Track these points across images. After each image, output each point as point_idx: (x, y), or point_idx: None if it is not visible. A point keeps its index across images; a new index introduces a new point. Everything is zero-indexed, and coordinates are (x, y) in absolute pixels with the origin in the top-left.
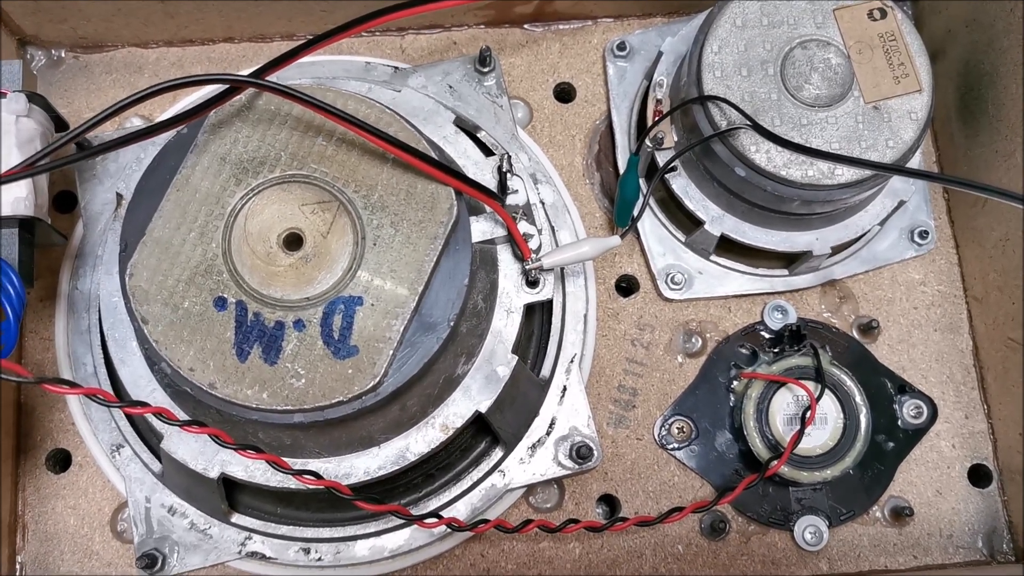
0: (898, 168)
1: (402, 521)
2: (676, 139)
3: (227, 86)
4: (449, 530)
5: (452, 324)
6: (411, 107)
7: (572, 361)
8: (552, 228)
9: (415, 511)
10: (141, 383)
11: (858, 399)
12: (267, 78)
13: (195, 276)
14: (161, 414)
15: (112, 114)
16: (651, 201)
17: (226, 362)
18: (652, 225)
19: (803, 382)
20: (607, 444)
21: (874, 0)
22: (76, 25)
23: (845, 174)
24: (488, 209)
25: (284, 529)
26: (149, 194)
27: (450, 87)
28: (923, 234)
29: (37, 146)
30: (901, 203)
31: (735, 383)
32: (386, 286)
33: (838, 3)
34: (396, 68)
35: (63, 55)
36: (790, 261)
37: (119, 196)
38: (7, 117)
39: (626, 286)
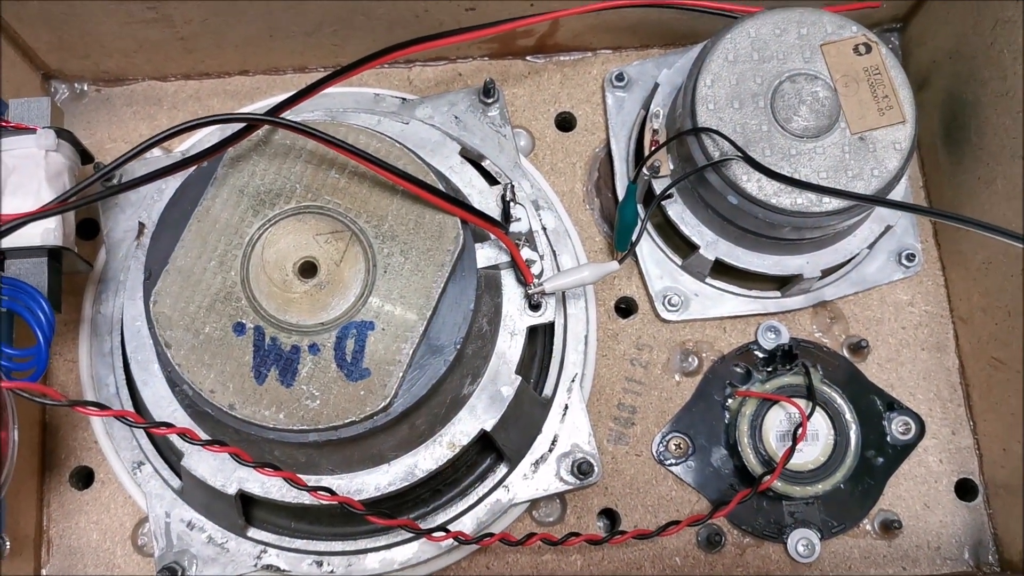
0: (881, 200)
1: (411, 535)
2: (672, 167)
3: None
4: (456, 543)
5: (459, 347)
6: (419, 139)
7: (573, 380)
8: (554, 252)
9: (423, 525)
10: (162, 403)
11: (848, 416)
12: (284, 114)
13: (215, 303)
14: (185, 434)
15: (139, 153)
16: (648, 226)
17: (245, 384)
18: (650, 249)
19: (795, 400)
20: (607, 460)
21: (859, 36)
22: (99, 60)
23: (832, 202)
24: (492, 236)
25: (298, 543)
26: (171, 224)
27: (455, 117)
28: (910, 257)
29: (65, 179)
30: (888, 228)
31: (730, 401)
32: (396, 311)
33: (825, 39)
34: (404, 99)
35: (85, 88)
36: (782, 283)
37: (141, 225)
38: (37, 152)
39: (625, 308)
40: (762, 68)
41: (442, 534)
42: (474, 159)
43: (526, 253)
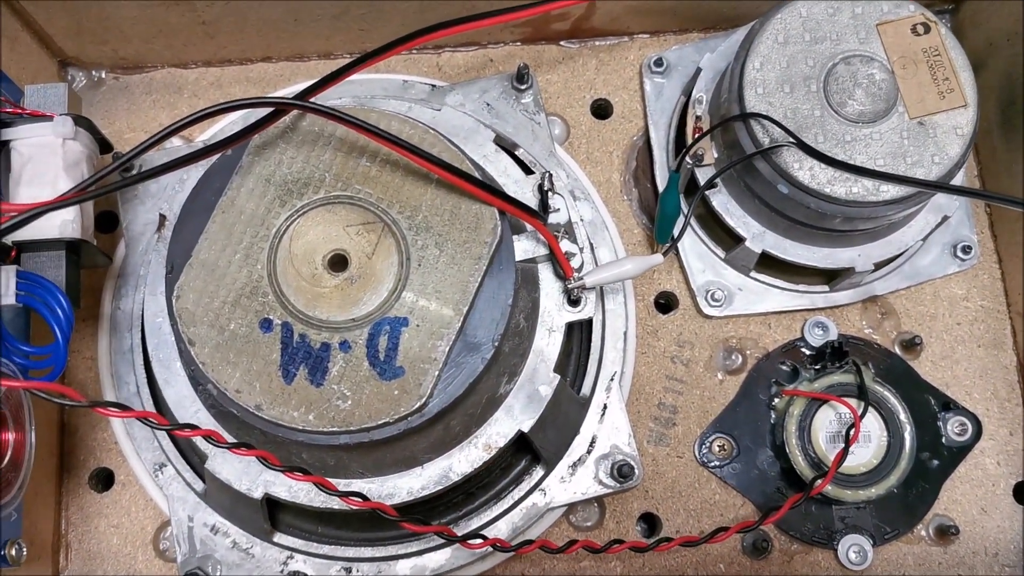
0: (947, 186)
1: (444, 540)
2: (716, 156)
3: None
4: (492, 550)
5: (496, 344)
6: (451, 126)
7: (612, 379)
8: (591, 245)
9: (456, 530)
10: (185, 403)
11: (902, 416)
12: (312, 100)
13: (241, 298)
14: (210, 437)
15: (160, 140)
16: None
17: (272, 384)
18: (691, 241)
19: (846, 399)
20: (647, 462)
21: (917, 15)
22: (117, 47)
23: (890, 191)
24: (529, 227)
25: (326, 549)
26: (194, 216)
27: (487, 104)
28: (966, 249)
29: (83, 168)
30: (945, 219)
31: (776, 400)
32: (431, 307)
33: (881, 18)
34: (433, 86)
35: (103, 76)
36: (830, 277)
37: (162, 217)
38: (54, 140)
39: (665, 303)
40: (814, 50)
41: (479, 541)
42: (507, 147)
43: (565, 245)
